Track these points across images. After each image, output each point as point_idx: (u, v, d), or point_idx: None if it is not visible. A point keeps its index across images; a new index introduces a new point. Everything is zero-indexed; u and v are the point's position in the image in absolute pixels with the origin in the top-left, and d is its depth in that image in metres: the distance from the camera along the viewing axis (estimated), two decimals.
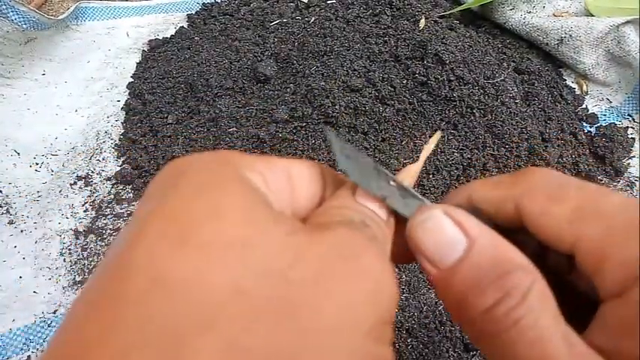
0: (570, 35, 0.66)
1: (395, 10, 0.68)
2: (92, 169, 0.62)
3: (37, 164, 0.62)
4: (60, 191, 0.59)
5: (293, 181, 0.21)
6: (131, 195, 0.60)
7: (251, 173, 0.19)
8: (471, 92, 0.56)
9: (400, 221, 0.22)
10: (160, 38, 0.76)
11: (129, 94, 0.69)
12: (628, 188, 0.61)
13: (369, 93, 0.57)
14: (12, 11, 0.64)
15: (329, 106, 0.56)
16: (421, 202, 0.21)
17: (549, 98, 0.64)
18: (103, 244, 0.55)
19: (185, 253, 0.15)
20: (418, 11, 0.67)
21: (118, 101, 0.69)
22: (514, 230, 0.21)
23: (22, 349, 0.48)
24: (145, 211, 0.17)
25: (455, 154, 0.55)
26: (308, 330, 0.15)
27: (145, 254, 0.16)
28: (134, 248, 0.16)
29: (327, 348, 0.15)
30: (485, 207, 0.22)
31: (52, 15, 0.76)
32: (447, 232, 0.20)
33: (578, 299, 0.20)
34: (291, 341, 0.15)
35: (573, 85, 0.68)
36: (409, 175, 0.23)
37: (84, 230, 0.56)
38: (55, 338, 0.15)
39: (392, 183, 0.21)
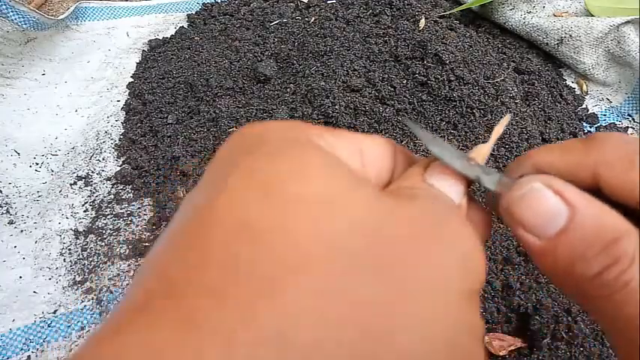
0: (570, 35, 0.66)
1: (395, 10, 0.68)
2: (92, 169, 0.62)
3: (37, 164, 0.62)
4: (60, 191, 0.59)
5: (363, 155, 0.21)
6: (131, 195, 0.60)
7: (324, 143, 0.19)
8: (471, 92, 0.56)
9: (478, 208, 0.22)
10: (160, 38, 0.76)
11: (129, 94, 0.70)
12: None
13: (369, 93, 0.57)
14: (12, 11, 0.64)
15: (329, 106, 0.56)
16: (510, 180, 0.21)
17: (549, 98, 0.64)
18: (103, 244, 0.55)
19: (270, 204, 0.15)
20: (418, 11, 0.67)
21: (118, 101, 0.69)
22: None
23: (22, 349, 0.48)
24: (223, 171, 0.17)
25: None
26: (404, 284, 0.15)
27: (229, 203, 0.15)
28: (217, 198, 0.16)
29: (423, 304, 0.15)
30: (556, 175, 0.22)
31: (52, 15, 0.76)
32: (548, 202, 0.20)
33: None
34: (387, 292, 0.15)
35: (573, 85, 0.69)
36: (480, 154, 0.23)
37: (84, 230, 0.56)
38: (136, 278, 0.15)
39: (473, 163, 0.22)
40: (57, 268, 0.54)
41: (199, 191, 0.17)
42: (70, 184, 0.60)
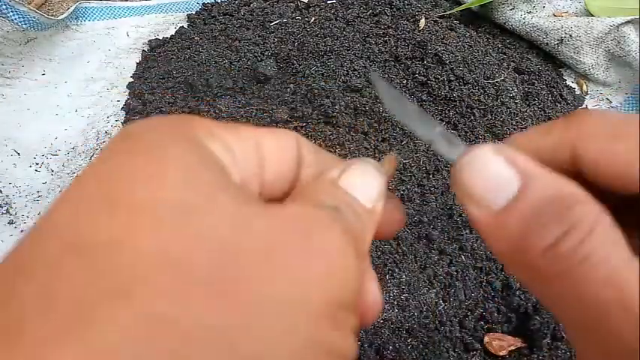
0: (570, 35, 0.66)
1: (395, 10, 0.68)
2: None
3: (37, 164, 0.62)
4: (60, 191, 0.59)
5: (263, 152, 0.19)
6: None
7: (211, 139, 0.18)
8: (471, 92, 0.56)
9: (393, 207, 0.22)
10: (160, 38, 0.76)
11: (129, 94, 0.70)
12: None
13: (369, 93, 0.57)
14: (12, 11, 0.64)
15: (329, 106, 0.56)
16: (467, 147, 0.20)
17: (549, 98, 0.64)
18: None
19: (111, 214, 0.14)
20: (418, 11, 0.67)
21: (118, 101, 0.69)
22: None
23: None
24: (85, 169, 0.16)
25: None
26: (251, 305, 0.13)
27: (66, 216, 0.14)
28: (55, 209, 0.14)
29: (272, 327, 0.13)
30: (536, 157, 0.20)
31: (52, 15, 0.76)
32: (498, 170, 0.18)
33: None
34: (228, 317, 0.13)
35: (573, 85, 0.69)
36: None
37: None
38: None
39: (437, 129, 0.20)
40: None
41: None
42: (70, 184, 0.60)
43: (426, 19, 0.64)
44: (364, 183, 0.20)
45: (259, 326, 0.13)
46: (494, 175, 0.18)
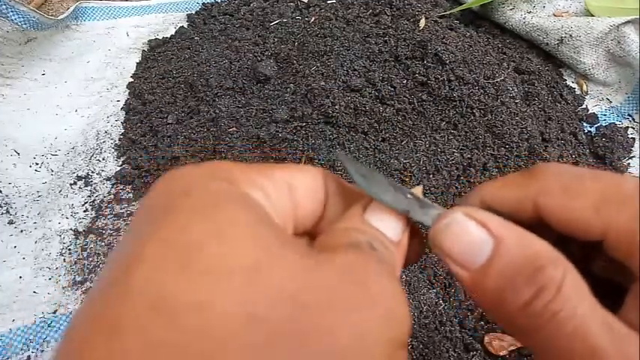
0: (570, 35, 0.66)
1: (395, 10, 0.68)
2: (92, 169, 0.62)
3: (37, 164, 0.62)
4: (60, 191, 0.59)
5: (295, 193, 0.21)
6: (131, 195, 0.60)
7: (252, 189, 0.19)
8: (471, 92, 0.56)
9: (415, 236, 0.22)
10: (160, 38, 0.76)
11: (129, 94, 0.69)
12: None
13: (369, 93, 0.57)
14: (12, 11, 0.64)
15: (329, 106, 0.56)
16: (441, 212, 0.21)
17: (549, 98, 0.64)
18: (103, 244, 0.55)
19: (188, 277, 0.15)
20: (418, 11, 0.67)
21: (118, 101, 0.69)
22: (532, 225, 0.21)
23: (22, 350, 0.48)
24: (142, 231, 0.16)
25: (455, 154, 0.55)
26: (322, 355, 0.15)
27: (144, 278, 0.15)
28: (132, 271, 0.15)
29: None
30: (500, 208, 0.22)
31: (52, 15, 0.76)
32: (472, 233, 0.20)
33: (600, 286, 0.21)
34: None
35: (573, 85, 0.68)
36: (419, 190, 0.23)
37: (84, 230, 0.56)
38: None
39: (409, 196, 0.21)
40: (57, 268, 0.54)
41: (123, 247, 0.17)
42: (70, 184, 0.60)
43: (426, 19, 0.64)
44: (389, 217, 0.21)
45: None
46: (468, 238, 0.20)
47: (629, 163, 0.62)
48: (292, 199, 0.20)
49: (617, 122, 0.65)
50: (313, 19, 0.68)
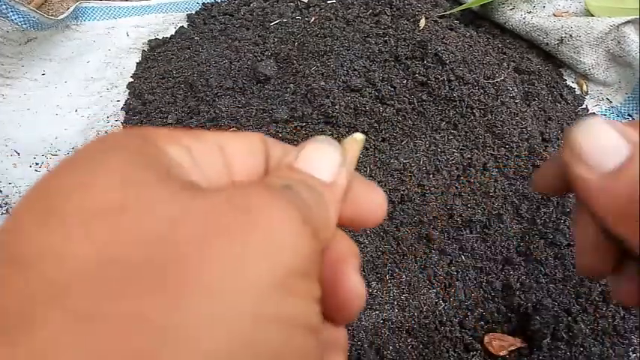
0: (570, 35, 0.66)
1: (395, 10, 0.68)
2: None
3: (37, 164, 0.62)
4: None
5: (227, 154, 0.20)
6: None
7: (172, 146, 0.18)
8: (471, 92, 0.56)
9: None
10: (160, 38, 0.76)
11: (129, 94, 0.69)
12: None
13: (369, 93, 0.57)
14: (12, 11, 0.64)
15: (329, 106, 0.56)
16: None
17: (549, 98, 0.64)
18: None
19: (48, 225, 0.14)
20: (418, 11, 0.67)
21: (118, 101, 0.69)
22: None
23: None
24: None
25: (455, 154, 0.55)
26: (186, 296, 0.13)
27: (10, 232, 0.15)
28: (4, 225, 0.15)
29: (215, 314, 0.13)
30: None
31: (52, 15, 0.76)
32: (609, 136, 0.20)
33: None
34: (164, 309, 0.13)
35: (573, 85, 0.68)
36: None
37: None
38: None
39: None
40: None
41: None
42: None
43: (426, 19, 0.64)
44: (319, 158, 0.20)
45: (200, 315, 0.13)
46: (605, 140, 0.20)
47: None
48: (223, 158, 0.20)
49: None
50: (313, 19, 0.68)
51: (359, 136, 0.23)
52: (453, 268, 0.50)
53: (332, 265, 0.20)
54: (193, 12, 0.79)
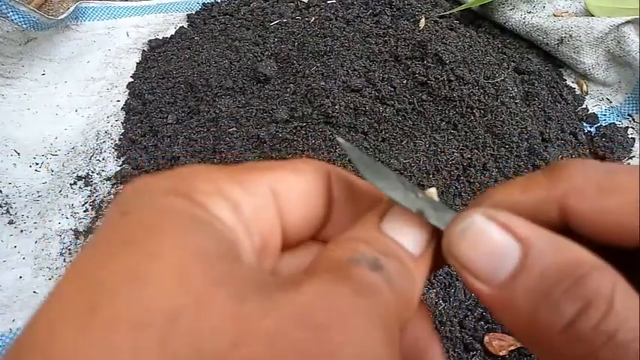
0: (570, 35, 0.66)
1: (395, 10, 0.68)
2: (92, 169, 0.62)
3: (37, 164, 0.62)
4: (60, 191, 0.59)
5: (280, 200, 0.17)
6: None
7: (217, 204, 0.15)
8: (471, 92, 0.56)
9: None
10: (160, 38, 0.76)
11: (129, 94, 0.69)
12: None
13: (369, 93, 0.57)
14: (12, 11, 0.64)
15: (329, 106, 0.56)
16: (454, 213, 0.18)
17: (549, 98, 0.64)
18: None
19: (91, 331, 0.12)
20: (418, 11, 0.67)
21: (118, 101, 0.69)
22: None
23: None
24: (74, 260, 0.14)
25: (455, 154, 0.55)
26: None
27: (46, 332, 0.12)
28: (35, 323, 0.13)
29: None
30: (519, 214, 0.18)
31: (52, 15, 0.76)
32: (494, 239, 0.16)
33: None
34: None
35: (573, 85, 0.68)
36: (432, 192, 0.20)
37: (84, 230, 0.56)
38: None
39: (420, 195, 0.18)
40: (57, 268, 0.54)
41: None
42: (70, 184, 0.60)
43: (426, 19, 0.64)
44: (412, 226, 0.17)
45: None
46: (490, 245, 0.16)
47: (629, 163, 0.62)
48: (277, 206, 0.17)
49: (617, 122, 0.65)
50: (313, 19, 0.68)
51: (434, 191, 0.19)
52: (453, 268, 0.50)
53: (413, 349, 0.18)
54: (193, 12, 0.79)
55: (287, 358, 0.12)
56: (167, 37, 0.76)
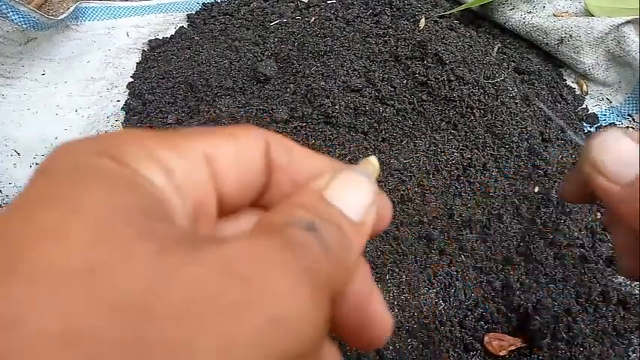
0: (570, 35, 0.66)
1: (395, 10, 0.68)
2: None
3: (37, 164, 0.62)
4: None
5: (216, 165, 0.17)
6: None
7: (150, 167, 0.15)
8: (471, 92, 0.56)
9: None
10: (160, 38, 0.76)
11: (129, 94, 0.69)
12: None
13: (369, 93, 0.57)
14: (12, 11, 0.64)
15: (329, 106, 0.56)
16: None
17: (549, 98, 0.64)
18: None
19: (9, 284, 0.12)
20: (418, 11, 0.67)
21: (118, 101, 0.69)
22: None
23: None
24: None
25: (455, 154, 0.55)
26: None
27: None
28: None
29: None
30: None
31: (52, 15, 0.76)
32: (626, 149, 0.20)
33: None
34: None
35: (573, 85, 0.68)
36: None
37: None
38: None
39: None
40: None
41: None
42: None
43: (426, 19, 0.64)
44: (353, 190, 0.18)
45: None
46: (622, 153, 0.21)
47: None
48: (210, 171, 0.17)
49: (617, 122, 0.65)
50: (313, 19, 0.68)
51: (374, 160, 0.20)
52: (452, 268, 0.50)
53: (357, 306, 0.18)
54: (193, 12, 0.79)
55: (206, 306, 0.12)
56: (167, 37, 0.76)
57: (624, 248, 0.24)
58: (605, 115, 0.66)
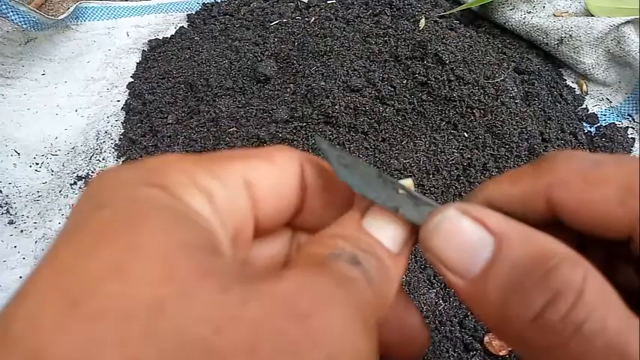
0: (570, 35, 0.66)
1: (395, 10, 0.68)
2: (92, 169, 0.62)
3: (37, 164, 0.62)
4: (60, 191, 0.59)
5: (254, 191, 0.17)
6: None
7: (191, 193, 0.15)
8: (471, 92, 0.56)
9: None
10: (160, 38, 0.76)
11: (129, 94, 0.69)
12: None
13: (369, 93, 0.57)
14: (12, 11, 0.64)
15: (329, 106, 0.56)
16: (433, 206, 0.18)
17: (549, 98, 0.64)
18: None
19: (72, 323, 0.12)
20: (418, 11, 0.67)
21: (118, 101, 0.69)
22: (545, 227, 0.18)
23: None
24: (45, 256, 0.14)
25: (455, 154, 0.55)
26: None
27: (25, 323, 0.12)
28: (10, 316, 0.13)
29: None
30: (508, 207, 0.19)
31: (52, 15, 0.76)
32: (467, 233, 0.16)
33: (628, 300, 0.16)
34: None
35: (573, 85, 0.68)
36: (411, 184, 0.19)
37: None
38: None
39: (400, 191, 0.18)
40: None
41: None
42: (70, 184, 0.60)
43: (426, 19, 0.64)
44: (389, 221, 0.17)
45: None
46: (464, 239, 0.17)
47: None
48: (250, 196, 0.17)
49: (617, 122, 0.65)
50: (313, 19, 0.68)
51: (409, 182, 0.19)
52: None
53: (397, 324, 0.18)
54: (193, 12, 0.79)
55: (269, 343, 0.12)
56: (167, 37, 0.76)
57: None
58: (605, 115, 0.66)
